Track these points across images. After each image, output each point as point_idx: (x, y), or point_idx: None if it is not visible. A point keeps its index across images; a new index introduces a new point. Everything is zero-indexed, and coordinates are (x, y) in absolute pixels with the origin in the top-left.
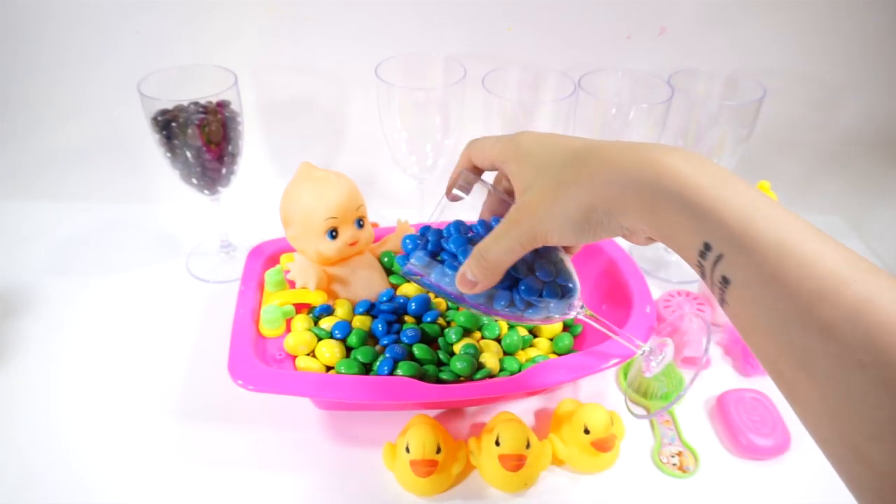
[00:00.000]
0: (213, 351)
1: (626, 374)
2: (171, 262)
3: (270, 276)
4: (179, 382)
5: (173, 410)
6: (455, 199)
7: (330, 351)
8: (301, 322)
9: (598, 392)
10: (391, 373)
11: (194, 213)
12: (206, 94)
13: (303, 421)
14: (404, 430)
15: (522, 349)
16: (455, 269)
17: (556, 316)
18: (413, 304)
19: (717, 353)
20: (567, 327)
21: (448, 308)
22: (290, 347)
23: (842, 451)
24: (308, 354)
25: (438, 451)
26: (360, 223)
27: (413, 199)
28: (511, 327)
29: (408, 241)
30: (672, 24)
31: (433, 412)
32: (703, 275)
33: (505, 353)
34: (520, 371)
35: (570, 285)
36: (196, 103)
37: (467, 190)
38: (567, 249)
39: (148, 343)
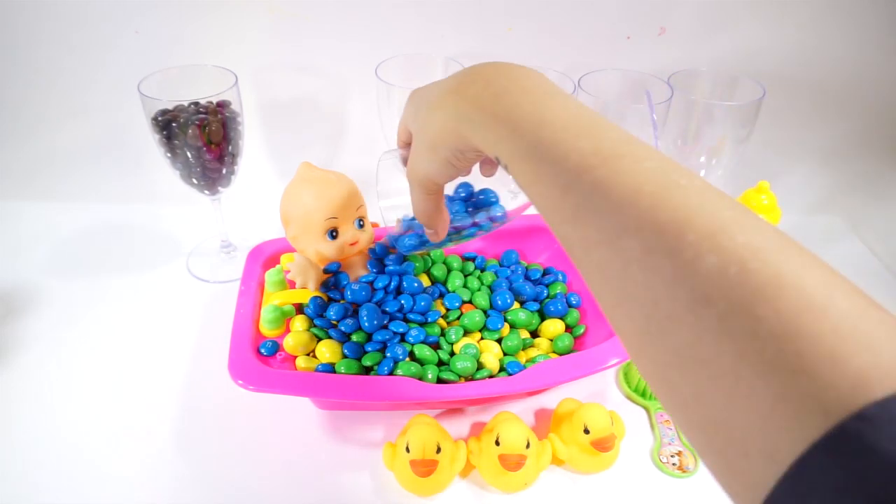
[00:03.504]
0: (213, 351)
1: (626, 374)
2: (172, 262)
3: (270, 276)
4: (179, 382)
5: (173, 410)
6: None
7: (330, 351)
8: (301, 322)
9: (598, 392)
10: (391, 373)
11: (194, 213)
12: (207, 94)
13: (303, 421)
14: (404, 430)
15: (523, 349)
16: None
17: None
18: (413, 303)
19: None
20: (569, 328)
21: (449, 309)
22: (290, 347)
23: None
24: (308, 354)
25: (438, 451)
26: (360, 223)
27: None
28: (512, 328)
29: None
30: (672, 25)
31: (433, 412)
32: None
33: (505, 354)
34: (520, 371)
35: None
36: (196, 103)
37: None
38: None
39: (148, 343)
